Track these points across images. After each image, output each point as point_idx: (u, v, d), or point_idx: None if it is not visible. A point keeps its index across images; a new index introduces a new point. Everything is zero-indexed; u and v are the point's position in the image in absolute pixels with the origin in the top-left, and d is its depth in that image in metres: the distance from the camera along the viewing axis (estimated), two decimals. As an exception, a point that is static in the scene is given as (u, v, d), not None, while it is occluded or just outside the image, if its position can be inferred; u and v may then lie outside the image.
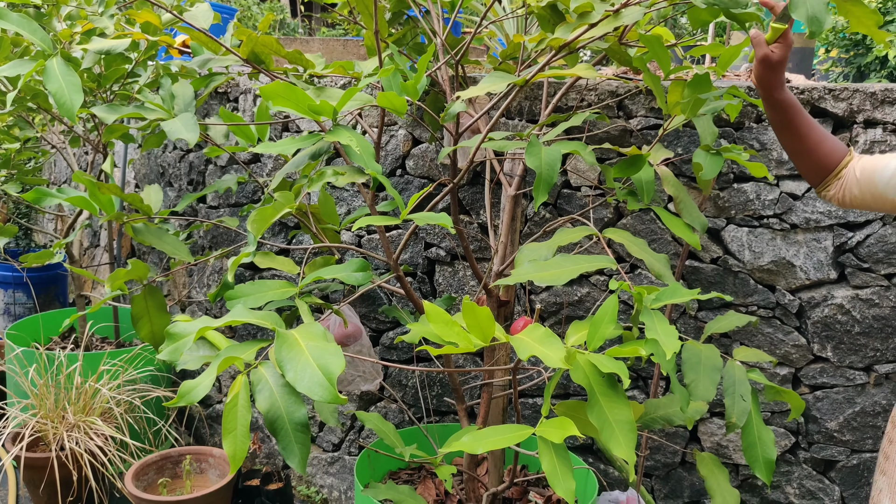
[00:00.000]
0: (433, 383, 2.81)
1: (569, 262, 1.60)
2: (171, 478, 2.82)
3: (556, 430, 1.41)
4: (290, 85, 1.58)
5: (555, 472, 1.41)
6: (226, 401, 1.47)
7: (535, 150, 1.72)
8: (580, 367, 1.46)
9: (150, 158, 3.95)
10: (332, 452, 3.04)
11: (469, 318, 1.46)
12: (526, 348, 1.43)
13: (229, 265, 1.51)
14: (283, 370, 1.36)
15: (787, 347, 2.43)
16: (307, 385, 1.33)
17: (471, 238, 2.64)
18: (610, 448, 1.42)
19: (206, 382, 1.40)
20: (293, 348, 1.38)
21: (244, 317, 1.48)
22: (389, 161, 2.74)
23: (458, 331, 1.49)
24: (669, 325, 1.47)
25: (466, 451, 1.44)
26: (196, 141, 1.76)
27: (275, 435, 1.57)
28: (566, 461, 1.42)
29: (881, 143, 2.26)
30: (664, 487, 2.63)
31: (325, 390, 1.31)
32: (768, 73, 1.58)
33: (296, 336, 1.41)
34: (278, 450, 3.12)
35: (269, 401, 1.60)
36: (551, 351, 1.40)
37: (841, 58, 7.38)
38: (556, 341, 1.43)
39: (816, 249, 2.35)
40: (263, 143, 1.63)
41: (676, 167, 2.40)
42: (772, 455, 1.84)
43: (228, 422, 1.50)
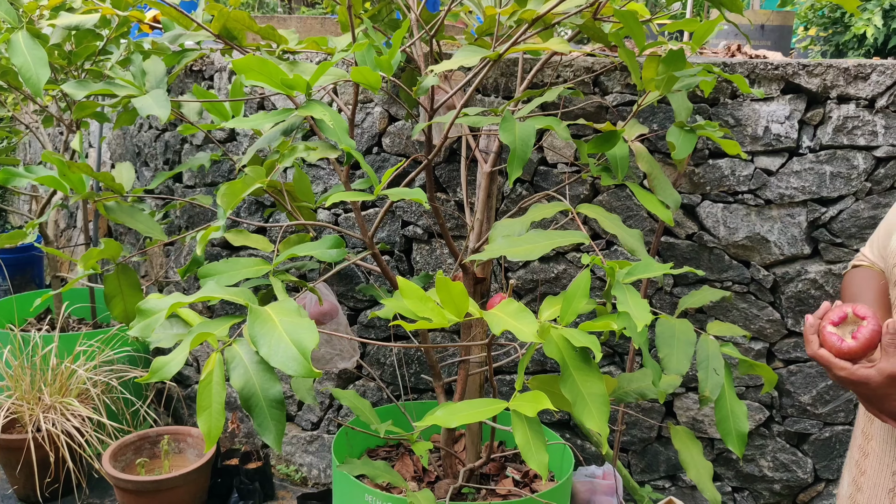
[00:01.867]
0: (411, 361, 2.81)
1: (542, 238, 1.60)
2: (150, 458, 2.82)
3: (530, 404, 1.42)
4: (263, 59, 1.57)
5: (528, 446, 1.42)
6: (200, 378, 1.47)
7: (508, 126, 1.72)
8: (553, 341, 1.47)
9: (126, 138, 3.91)
10: (311, 431, 3.04)
11: (443, 293, 1.46)
12: (499, 323, 1.43)
13: (198, 239, 1.50)
14: (257, 345, 1.35)
15: (761, 322, 2.45)
16: (281, 359, 1.33)
17: (448, 215, 2.64)
18: (583, 421, 1.43)
19: (179, 358, 1.39)
20: (266, 323, 1.38)
21: (216, 293, 1.47)
22: (366, 139, 2.73)
23: (432, 306, 1.49)
24: (642, 299, 1.48)
25: (440, 425, 1.45)
26: (167, 117, 1.74)
27: (250, 412, 1.57)
28: (539, 435, 1.43)
29: (854, 118, 2.28)
30: (640, 462, 2.66)
31: (299, 364, 1.31)
32: None
33: (269, 312, 1.40)
34: (255, 430, 3.12)
35: (243, 378, 1.59)
36: (524, 325, 1.41)
37: (819, 36, 7.40)
38: (529, 316, 1.43)
39: (790, 225, 2.37)
40: (236, 118, 1.61)
41: (652, 143, 2.41)
42: (744, 428, 1.86)
43: (203, 399, 1.50)
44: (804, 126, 2.34)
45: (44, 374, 2.80)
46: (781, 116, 2.32)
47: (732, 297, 2.41)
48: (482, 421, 2.23)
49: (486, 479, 2.43)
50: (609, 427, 2.52)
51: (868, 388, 1.17)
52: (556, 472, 2.39)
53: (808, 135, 2.33)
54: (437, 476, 2.40)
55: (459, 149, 2.54)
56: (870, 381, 1.16)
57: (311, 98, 1.61)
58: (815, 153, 2.33)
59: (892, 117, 2.26)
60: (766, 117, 2.33)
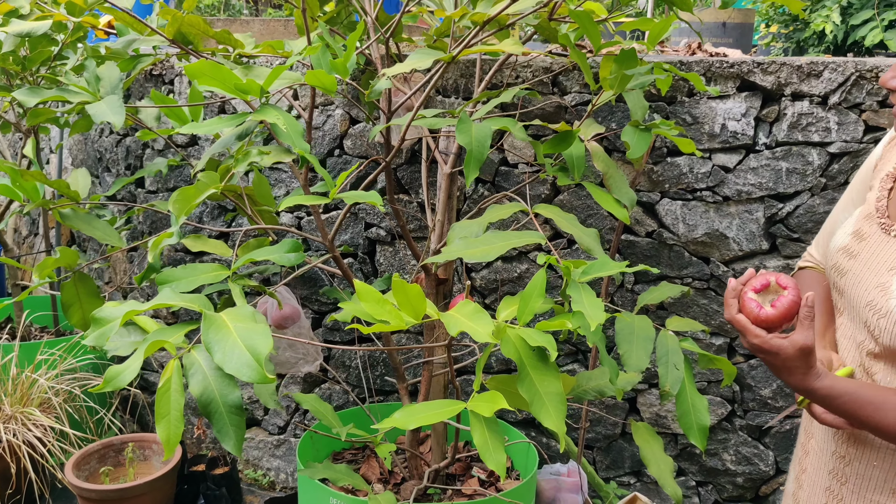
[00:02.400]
0: (376, 363, 2.81)
1: (498, 239, 1.61)
2: (114, 466, 2.79)
3: (487, 404, 1.43)
4: (215, 63, 1.56)
5: (486, 446, 1.42)
6: (158, 385, 1.46)
7: (465, 127, 1.72)
8: (510, 341, 1.48)
9: (87, 144, 3.86)
10: (277, 435, 3.03)
11: (399, 295, 1.47)
12: (456, 324, 1.44)
13: (150, 246, 1.49)
14: (211, 352, 1.35)
15: (721, 318, 2.48)
16: (235, 366, 1.32)
17: (410, 217, 2.64)
18: (540, 420, 1.44)
19: (134, 367, 1.38)
20: (221, 330, 1.37)
21: (171, 300, 1.46)
22: (327, 141, 2.72)
23: (390, 309, 1.49)
24: (597, 297, 1.49)
25: (399, 427, 1.45)
26: (122, 123, 1.73)
27: (209, 418, 1.56)
28: (497, 435, 1.44)
29: (808, 115, 2.31)
30: (605, 459, 2.68)
31: (254, 370, 1.31)
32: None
33: (224, 318, 1.40)
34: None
35: (202, 384, 1.58)
36: (480, 326, 1.41)
37: (781, 33, 7.50)
38: (484, 316, 1.43)
39: (748, 221, 2.40)
40: (190, 123, 1.60)
41: (611, 142, 2.43)
42: (706, 422, 1.87)
43: (161, 406, 1.49)
44: (760, 123, 2.37)
45: (3, 385, 2.76)
46: (738, 114, 2.35)
47: (692, 292, 2.44)
48: (446, 421, 2.24)
49: (452, 479, 2.44)
50: (573, 425, 2.54)
51: (778, 358, 1.19)
52: (521, 471, 2.40)
53: (763, 132, 2.37)
54: (403, 477, 2.40)
55: (421, 150, 2.55)
56: (781, 351, 1.18)
57: (265, 102, 1.61)
58: (771, 150, 2.36)
59: (845, 114, 2.29)
60: (722, 115, 2.35)
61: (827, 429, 1.37)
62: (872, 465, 1.30)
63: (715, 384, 2.55)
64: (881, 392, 1.21)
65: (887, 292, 1.23)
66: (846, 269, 1.34)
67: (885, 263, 1.26)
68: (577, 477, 2.40)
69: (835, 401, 1.22)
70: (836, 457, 1.36)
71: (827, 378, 1.21)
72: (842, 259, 1.35)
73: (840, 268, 1.35)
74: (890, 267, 1.25)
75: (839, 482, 1.35)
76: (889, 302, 1.22)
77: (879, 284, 1.25)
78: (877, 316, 1.24)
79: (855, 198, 1.48)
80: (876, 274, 1.27)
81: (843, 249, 1.36)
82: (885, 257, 1.27)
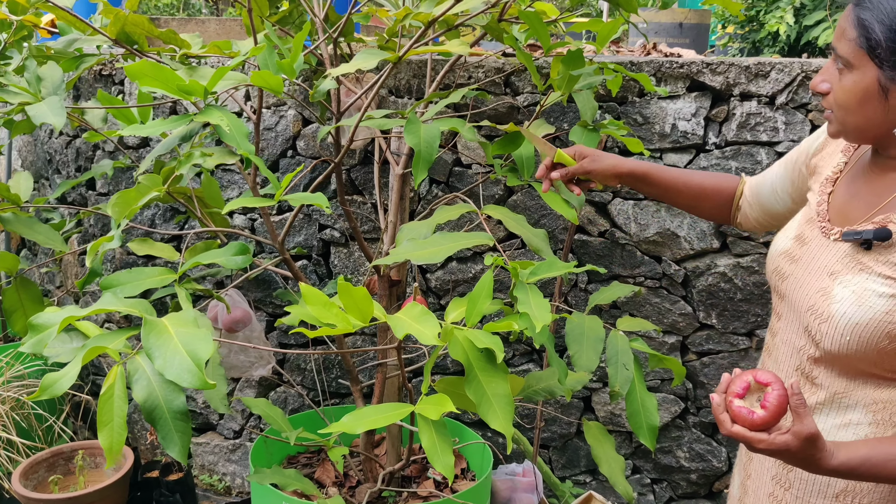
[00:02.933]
0: (332, 366, 2.79)
1: (447, 240, 1.60)
2: (64, 474, 2.74)
3: (434, 407, 1.42)
4: (157, 64, 1.53)
5: (434, 449, 1.41)
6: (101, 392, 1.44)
7: (413, 128, 1.71)
8: (458, 342, 1.47)
9: (37, 145, 3.79)
10: (233, 440, 3.00)
11: (345, 298, 1.45)
12: (402, 326, 1.43)
13: (88, 250, 1.46)
14: (152, 358, 1.32)
15: (674, 316, 2.50)
16: (176, 372, 1.30)
17: (365, 218, 2.63)
18: (488, 421, 1.44)
19: (71, 374, 1.35)
20: (162, 335, 1.35)
21: (112, 305, 1.43)
22: (280, 142, 2.70)
23: (336, 312, 1.48)
24: (544, 298, 1.49)
25: (346, 432, 1.44)
26: (62, 125, 1.69)
27: (153, 424, 1.53)
28: (445, 437, 1.43)
29: (756, 115, 2.34)
30: (561, 457, 2.69)
31: (194, 376, 1.29)
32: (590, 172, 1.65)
33: (165, 323, 1.37)
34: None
35: (146, 390, 1.56)
36: (426, 328, 1.41)
37: (737, 33, 7.60)
38: (431, 319, 1.43)
39: (699, 220, 2.42)
40: (132, 125, 1.57)
41: (562, 142, 2.44)
42: (655, 421, 1.89)
43: (104, 414, 1.46)
44: (710, 123, 2.39)
45: (-52, 393, 2.70)
46: (688, 114, 2.37)
47: (643, 292, 2.46)
48: (399, 423, 2.22)
49: (408, 481, 2.43)
50: (525, 425, 2.54)
51: (790, 454, 1.16)
52: (477, 471, 2.40)
53: (713, 131, 2.39)
54: (358, 480, 2.39)
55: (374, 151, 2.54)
56: (789, 447, 1.14)
57: (209, 104, 1.59)
58: (721, 149, 2.39)
59: (792, 114, 2.32)
60: (673, 115, 2.37)
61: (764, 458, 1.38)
62: None
63: (668, 381, 2.57)
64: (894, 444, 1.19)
65: (829, 297, 1.23)
66: (787, 274, 1.34)
67: (826, 268, 1.27)
68: (533, 477, 2.41)
69: (856, 471, 1.18)
70: (778, 462, 1.37)
71: (841, 453, 1.18)
72: (783, 263, 1.36)
73: (781, 272, 1.36)
74: (831, 271, 1.26)
75: (783, 488, 1.36)
76: (830, 307, 1.22)
77: (821, 289, 1.25)
78: (818, 321, 1.24)
79: (789, 169, 1.51)
80: (817, 278, 1.27)
81: (785, 253, 1.37)
82: (826, 261, 1.27)
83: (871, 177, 1.29)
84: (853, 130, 1.22)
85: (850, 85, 1.18)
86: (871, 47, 1.14)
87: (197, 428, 3.07)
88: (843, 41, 1.18)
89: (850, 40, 1.16)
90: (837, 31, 1.20)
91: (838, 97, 1.20)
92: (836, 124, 1.24)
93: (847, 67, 1.18)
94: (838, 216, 1.31)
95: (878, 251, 1.21)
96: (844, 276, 1.23)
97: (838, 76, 1.20)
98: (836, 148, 1.40)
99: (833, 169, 1.38)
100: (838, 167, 1.37)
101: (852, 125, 1.21)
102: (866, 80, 1.16)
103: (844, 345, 1.21)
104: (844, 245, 1.26)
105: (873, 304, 1.18)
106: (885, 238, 1.19)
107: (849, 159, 1.37)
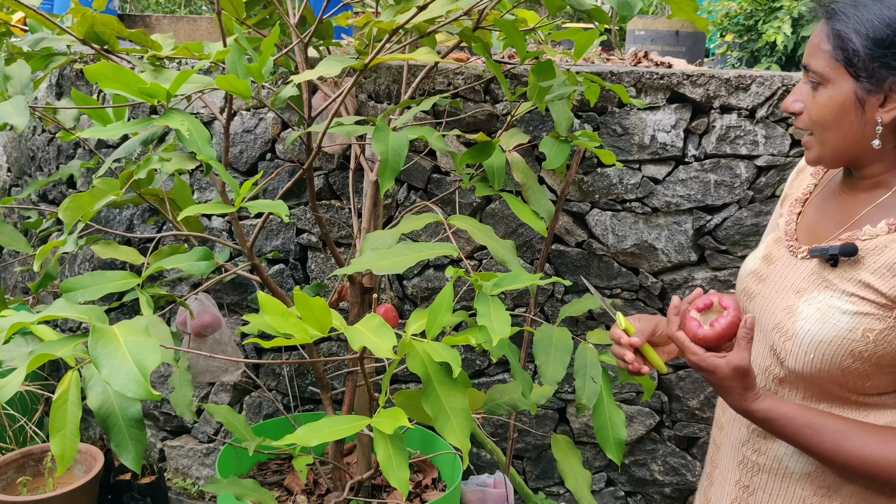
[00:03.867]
0: (306, 371, 2.77)
1: (410, 251, 1.58)
2: (33, 476, 2.71)
3: (389, 421, 1.40)
4: (117, 66, 1.51)
5: (389, 463, 1.39)
6: (54, 398, 1.41)
7: (382, 136, 1.69)
8: (417, 355, 1.45)
9: (21, 142, 3.76)
10: (207, 444, 2.97)
11: (303, 308, 1.43)
12: (359, 338, 1.41)
13: (38, 254, 1.44)
14: (99, 367, 1.30)
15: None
16: (122, 382, 1.27)
17: (342, 223, 2.60)
18: (444, 436, 1.42)
19: (16, 381, 1.33)
20: (110, 343, 1.32)
21: (63, 311, 1.41)
22: (259, 145, 2.67)
23: (294, 322, 1.46)
24: (504, 311, 1.47)
25: (301, 444, 1.41)
26: (24, 125, 1.66)
27: (107, 432, 1.52)
28: (401, 451, 1.41)
29: (736, 128, 2.32)
30: (535, 469, 2.67)
31: (140, 386, 1.26)
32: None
33: (115, 331, 1.35)
34: (152, 442, 3.04)
35: (101, 397, 1.54)
36: (382, 341, 1.39)
37: (735, 42, 7.58)
38: (388, 331, 1.41)
39: (677, 232, 2.40)
40: (93, 127, 1.55)
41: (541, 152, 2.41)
42: (622, 435, 1.87)
43: (57, 420, 1.45)
44: (689, 135, 2.37)
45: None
46: (667, 125, 2.35)
47: (616, 304, 2.44)
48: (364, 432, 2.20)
49: (378, 490, 2.40)
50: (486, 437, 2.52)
51: (715, 376, 1.19)
52: (448, 482, 2.37)
53: (693, 143, 2.37)
54: (327, 489, 2.36)
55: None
56: (717, 369, 1.18)
57: (171, 107, 1.56)
58: (700, 162, 2.36)
59: (772, 127, 2.30)
60: (652, 126, 2.35)
61: (737, 420, 1.36)
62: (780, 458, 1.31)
63: (643, 394, 2.55)
64: (820, 416, 1.21)
65: (794, 314, 1.23)
66: (755, 293, 1.33)
67: (791, 286, 1.26)
68: (504, 488, 2.38)
69: (773, 423, 1.21)
70: (738, 486, 1.36)
71: (766, 401, 1.21)
72: (751, 283, 1.35)
73: (749, 292, 1.35)
74: (797, 289, 1.25)
75: (751, 473, 1.35)
76: (795, 324, 1.22)
77: (787, 307, 1.25)
78: (783, 338, 1.24)
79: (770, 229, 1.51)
80: (783, 297, 1.27)
81: (753, 273, 1.36)
82: (793, 280, 1.27)
83: (840, 198, 1.28)
84: (831, 149, 1.21)
85: (826, 100, 1.17)
86: (847, 59, 1.13)
87: (171, 431, 3.04)
88: (818, 56, 1.17)
89: (825, 53, 1.16)
90: (809, 48, 1.19)
91: (814, 114, 1.19)
92: (816, 147, 1.22)
93: (822, 83, 1.17)
94: (807, 236, 1.31)
95: (843, 268, 1.20)
96: (810, 293, 1.23)
97: (811, 94, 1.19)
98: (806, 174, 1.40)
99: (803, 191, 1.39)
100: (808, 189, 1.37)
101: (830, 143, 1.20)
102: (842, 93, 1.15)
103: (808, 363, 1.21)
104: (811, 263, 1.25)
105: (837, 322, 1.17)
106: (851, 253, 1.18)
107: (818, 181, 1.37)
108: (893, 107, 1.14)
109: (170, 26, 5.18)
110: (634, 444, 2.57)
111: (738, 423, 1.37)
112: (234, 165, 2.71)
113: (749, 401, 1.20)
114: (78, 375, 1.47)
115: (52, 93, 3.23)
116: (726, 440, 1.41)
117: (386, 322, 1.47)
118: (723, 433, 1.43)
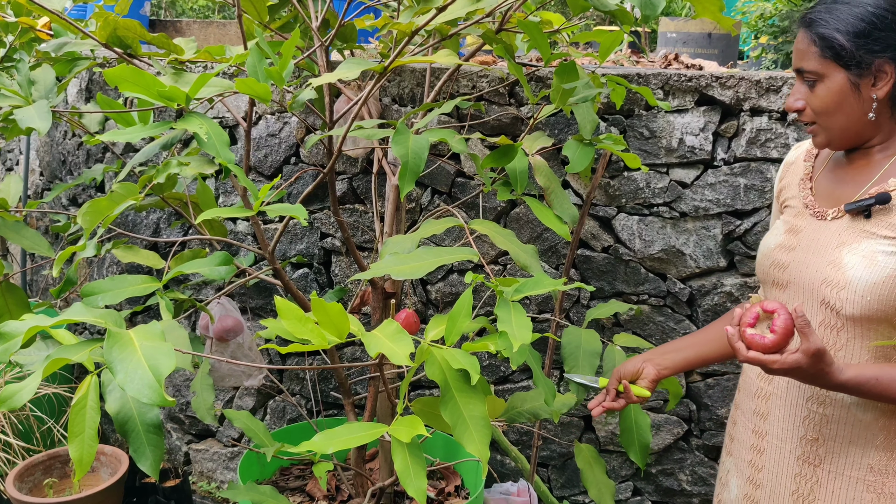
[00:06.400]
0: (330, 376, 2.76)
1: (429, 255, 1.56)
2: (60, 478, 2.72)
3: (407, 429, 1.38)
4: (136, 69, 1.50)
5: (406, 472, 1.37)
6: (72, 402, 1.41)
7: (402, 139, 1.67)
8: (436, 362, 1.43)
9: (53, 146, 3.81)
10: (231, 447, 2.97)
11: (320, 313, 1.42)
12: (376, 344, 1.39)
13: (56, 259, 1.43)
14: (114, 371, 1.29)
15: (678, 335, 2.43)
16: (136, 387, 1.26)
17: (365, 227, 2.59)
18: (463, 444, 1.39)
19: (31, 385, 1.33)
20: (125, 348, 1.31)
21: (80, 315, 1.40)
22: (283, 149, 2.67)
23: (311, 327, 1.44)
24: (526, 317, 1.44)
25: (316, 451, 1.40)
26: (46, 129, 1.67)
27: (125, 437, 1.51)
28: (419, 460, 1.38)
29: (767, 130, 2.27)
30: (560, 477, 2.63)
31: (154, 392, 1.25)
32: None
33: (131, 335, 1.34)
34: (177, 445, 3.04)
35: (119, 402, 1.54)
36: (399, 347, 1.36)
37: (770, 44, 7.47)
38: (405, 338, 1.39)
39: (706, 237, 2.35)
40: (111, 131, 1.55)
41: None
42: (647, 439, 1.84)
43: (75, 425, 1.44)
44: (718, 138, 2.32)
45: (-53, 393, 2.69)
46: (696, 128, 2.30)
47: (642, 310, 2.39)
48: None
49: (400, 496, 2.38)
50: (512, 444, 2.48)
51: (802, 370, 1.25)
52: (471, 489, 2.34)
53: (722, 147, 2.32)
54: (349, 495, 2.35)
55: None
56: (800, 363, 1.24)
57: (190, 110, 1.56)
58: (730, 165, 2.32)
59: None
60: (680, 129, 2.31)
61: (787, 419, 1.44)
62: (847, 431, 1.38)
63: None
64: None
65: (840, 266, 1.33)
66: (787, 262, 1.43)
67: (829, 243, 1.37)
68: (528, 496, 2.35)
69: (864, 387, 1.29)
70: (804, 441, 1.42)
71: (850, 370, 1.28)
72: (780, 255, 1.45)
73: (780, 263, 1.44)
74: (837, 244, 1.36)
75: (812, 465, 1.41)
76: (846, 273, 1.32)
77: (831, 262, 1.35)
78: (835, 290, 1.33)
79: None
80: (823, 254, 1.37)
81: (780, 246, 1.46)
82: (829, 239, 1.38)
83: (855, 164, 1.41)
84: (838, 132, 1.36)
85: (825, 93, 1.33)
86: (837, 55, 1.30)
87: (197, 434, 3.05)
88: (808, 58, 1.34)
89: (815, 54, 1.32)
90: (798, 54, 1.36)
91: (817, 107, 1.35)
92: (822, 133, 1.38)
93: (818, 80, 1.33)
94: (828, 201, 1.43)
95: (877, 217, 1.33)
96: (851, 245, 1.34)
97: (809, 92, 1.36)
98: (798, 162, 1.53)
99: (802, 175, 1.50)
100: (807, 171, 1.50)
101: (837, 127, 1.35)
102: (837, 83, 1.32)
103: (866, 305, 1.31)
104: (842, 221, 1.37)
105: (884, 263, 1.29)
106: (886, 201, 1.31)
107: (814, 163, 1.51)
108: (883, 84, 1.31)
109: (200, 31, 5.23)
110: (662, 454, 2.53)
111: (793, 384, 1.43)
112: (258, 169, 2.71)
113: (836, 376, 1.27)
114: (97, 380, 1.47)
115: (82, 97, 3.25)
116: (776, 405, 1.45)
117: (404, 328, 1.46)
118: (770, 402, 1.47)
